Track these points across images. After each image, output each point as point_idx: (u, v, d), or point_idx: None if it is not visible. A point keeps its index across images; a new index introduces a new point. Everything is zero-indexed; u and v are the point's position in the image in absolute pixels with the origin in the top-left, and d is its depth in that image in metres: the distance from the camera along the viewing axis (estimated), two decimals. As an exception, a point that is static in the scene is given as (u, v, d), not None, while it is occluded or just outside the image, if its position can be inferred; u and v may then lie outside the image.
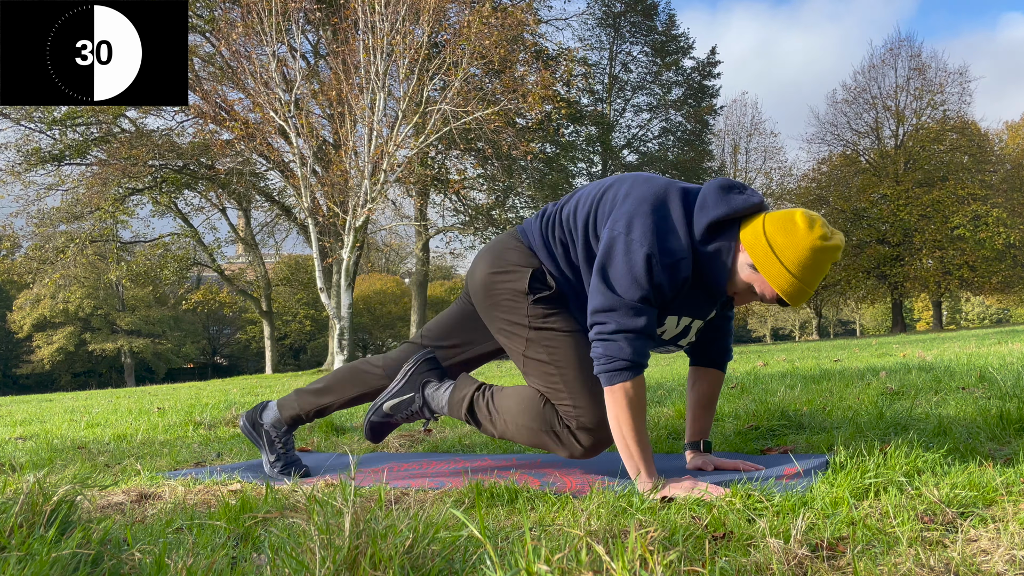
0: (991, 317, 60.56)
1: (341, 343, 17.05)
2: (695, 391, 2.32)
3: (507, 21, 16.53)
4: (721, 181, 1.97)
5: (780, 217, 1.88)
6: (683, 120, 32.25)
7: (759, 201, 1.94)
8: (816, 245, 1.83)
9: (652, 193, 1.96)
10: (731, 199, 1.92)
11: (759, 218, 1.91)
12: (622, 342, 1.87)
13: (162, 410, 6.25)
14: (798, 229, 1.84)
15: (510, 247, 2.22)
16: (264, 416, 2.58)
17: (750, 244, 1.88)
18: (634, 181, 2.03)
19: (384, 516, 1.35)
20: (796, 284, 1.85)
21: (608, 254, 1.91)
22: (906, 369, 5.14)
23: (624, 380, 1.87)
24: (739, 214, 1.92)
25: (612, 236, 1.92)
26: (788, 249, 1.84)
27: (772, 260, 1.85)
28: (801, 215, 1.86)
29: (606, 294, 1.89)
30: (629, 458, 1.89)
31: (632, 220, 1.91)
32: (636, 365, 1.87)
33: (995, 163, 33.36)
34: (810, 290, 1.88)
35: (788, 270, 1.84)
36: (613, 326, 1.88)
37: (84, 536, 1.40)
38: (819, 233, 1.84)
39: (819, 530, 1.43)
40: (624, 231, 1.90)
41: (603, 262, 1.92)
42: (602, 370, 1.89)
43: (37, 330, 40.57)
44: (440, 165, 23.00)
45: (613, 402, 1.89)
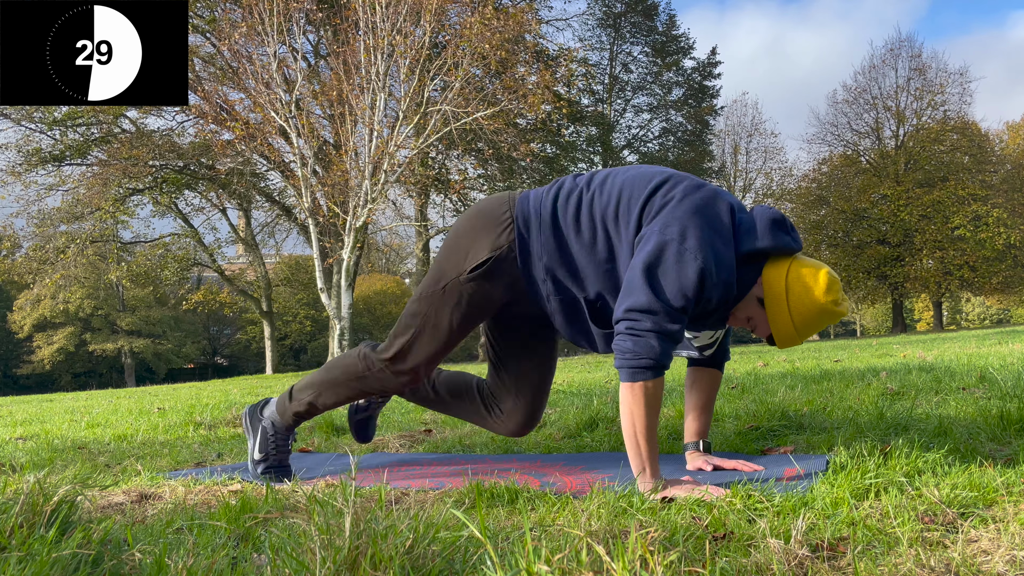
0: (991, 317, 60.51)
1: (341, 343, 17.05)
2: (694, 391, 2.32)
3: (508, 22, 16.53)
4: (774, 214, 1.99)
5: (807, 270, 1.95)
6: (683, 120, 32.25)
7: (799, 247, 2.01)
8: (826, 308, 1.93)
9: (705, 202, 1.95)
10: (780, 237, 1.97)
11: (787, 262, 1.97)
12: (653, 341, 1.86)
13: (162, 410, 6.25)
14: (817, 287, 1.92)
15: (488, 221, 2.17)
16: (264, 411, 2.57)
17: (769, 283, 1.96)
18: (687, 185, 1.99)
19: (384, 516, 1.35)
20: (792, 334, 1.97)
21: (658, 257, 1.88)
22: (906, 369, 5.14)
23: (647, 378, 1.86)
24: (777, 252, 1.97)
25: (663, 240, 1.88)
26: (800, 302, 1.93)
27: (782, 306, 1.95)
28: (826, 274, 1.94)
29: (649, 296, 1.87)
30: (637, 455, 1.89)
31: (686, 228, 1.89)
32: (660, 366, 1.88)
33: (995, 163, 33.33)
34: (800, 341, 1.99)
35: (792, 319, 1.95)
36: (648, 325, 1.87)
37: (84, 536, 1.40)
38: (833, 298, 1.93)
39: (819, 530, 1.43)
40: (677, 238, 1.88)
41: (651, 262, 1.88)
42: (626, 365, 1.88)
43: (37, 330, 40.56)
44: (441, 165, 23.02)
45: (632, 398, 1.88)
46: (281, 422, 2.50)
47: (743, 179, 36.36)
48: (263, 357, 34.03)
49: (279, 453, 2.49)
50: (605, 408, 3.73)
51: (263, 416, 2.54)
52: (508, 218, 2.13)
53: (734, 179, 36.19)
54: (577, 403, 4.35)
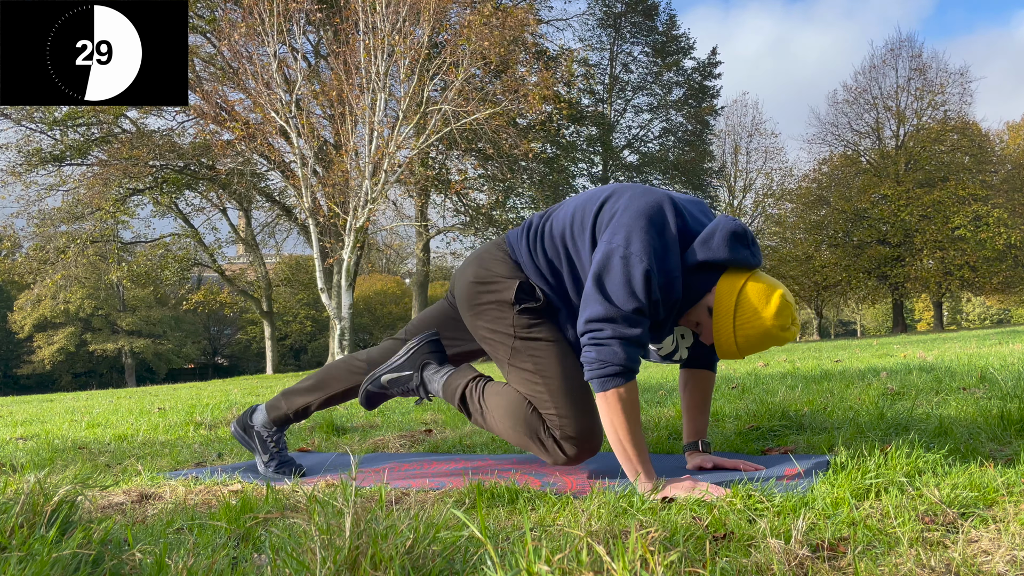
0: (992, 318, 60.51)
1: (342, 343, 17.05)
2: (687, 392, 2.33)
3: (508, 21, 16.53)
4: (736, 226, 1.97)
5: (761, 289, 1.94)
6: (684, 120, 32.26)
7: (758, 264, 2.00)
8: (771, 331, 1.93)
9: (651, 206, 1.97)
10: (737, 250, 1.96)
11: (744, 277, 1.96)
12: (616, 347, 1.88)
13: (163, 410, 6.25)
14: (767, 308, 1.92)
15: (496, 258, 2.25)
16: (254, 419, 2.62)
17: (721, 295, 1.96)
18: (633, 192, 2.03)
19: (385, 516, 1.35)
20: (733, 348, 1.98)
21: (605, 265, 1.91)
22: (907, 370, 5.14)
23: (617, 385, 1.87)
24: (733, 265, 1.97)
25: (610, 248, 1.92)
26: (748, 320, 1.93)
27: (729, 321, 1.95)
28: (778, 297, 1.93)
29: (603, 304, 1.89)
30: (627, 461, 1.90)
31: (631, 234, 1.91)
32: (628, 370, 1.89)
33: (996, 163, 33.34)
34: (740, 356, 2.00)
35: (736, 336, 1.96)
36: (609, 332, 1.88)
37: (85, 536, 1.40)
38: (780, 322, 1.93)
39: (820, 530, 1.43)
40: (623, 244, 1.91)
41: (599, 272, 1.92)
42: (595, 375, 1.89)
43: (38, 330, 40.58)
44: (441, 165, 23.01)
45: (607, 407, 1.89)
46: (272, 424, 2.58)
47: (743, 179, 36.38)
48: (263, 357, 34.05)
49: (280, 450, 2.57)
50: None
51: (254, 424, 2.60)
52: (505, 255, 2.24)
53: (734, 179, 36.20)
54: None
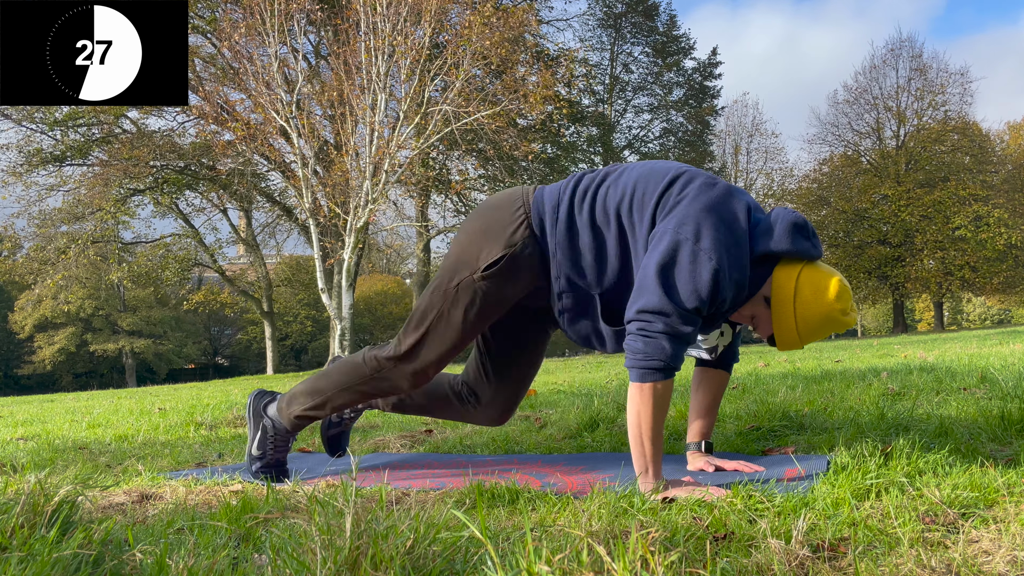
0: (992, 318, 60.48)
1: (342, 344, 17.05)
2: (700, 392, 2.31)
3: (508, 21, 16.53)
4: (796, 218, 1.96)
5: (818, 275, 1.93)
6: (684, 121, 32.27)
7: (818, 255, 1.97)
8: (833, 315, 1.91)
9: (720, 200, 1.92)
10: (799, 241, 1.94)
11: (799, 265, 1.94)
12: (665, 342, 1.85)
13: (163, 411, 6.25)
14: (827, 293, 1.90)
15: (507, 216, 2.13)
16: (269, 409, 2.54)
17: (779, 283, 1.94)
18: (701, 182, 1.96)
19: (385, 517, 1.35)
20: (795, 337, 1.95)
21: (672, 257, 1.85)
22: (907, 370, 5.14)
23: (657, 379, 1.85)
24: (793, 256, 1.95)
25: (677, 239, 1.85)
26: (808, 306, 1.91)
27: (789, 308, 1.92)
28: (837, 282, 1.92)
29: (662, 297, 1.84)
30: (641, 455, 1.88)
31: (700, 227, 1.86)
32: (671, 368, 1.86)
33: (996, 163, 33.33)
34: (801, 345, 1.97)
35: (796, 323, 1.93)
36: (661, 326, 1.85)
37: (85, 536, 1.40)
38: (841, 306, 1.91)
39: (820, 531, 1.43)
40: (692, 238, 1.85)
41: (664, 263, 1.85)
42: (637, 365, 1.86)
43: (38, 331, 40.58)
44: (441, 166, 23.01)
45: (640, 398, 1.86)
46: (283, 424, 2.49)
47: (744, 179, 36.35)
48: (264, 357, 34.04)
49: (277, 453, 2.48)
50: (606, 408, 3.73)
51: (266, 414, 2.51)
52: (522, 215, 2.09)
53: (735, 179, 36.18)
54: (578, 403, 4.35)
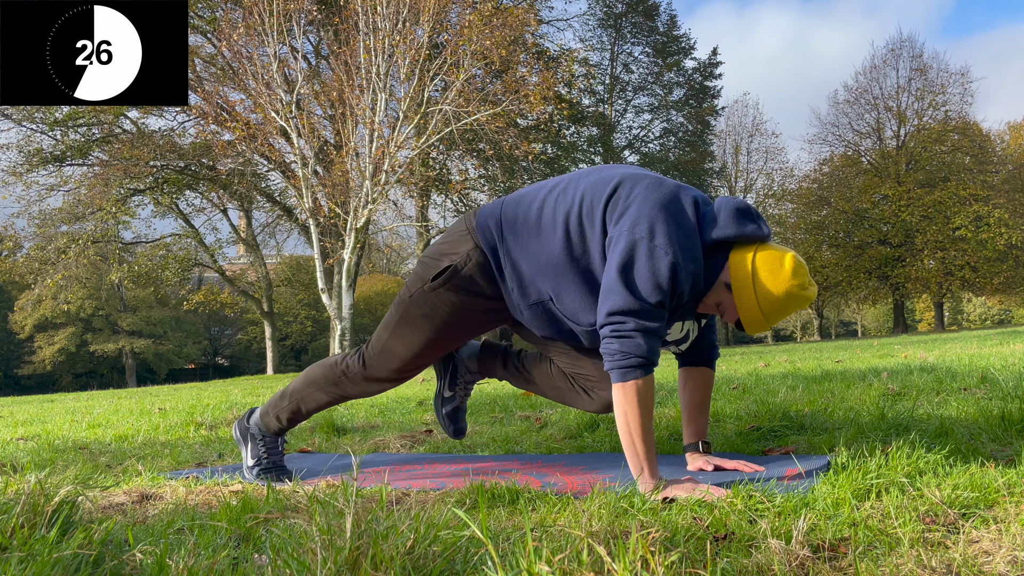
0: (993, 318, 60.49)
1: (342, 344, 17.05)
2: (687, 392, 2.32)
3: (508, 21, 16.52)
4: (738, 203, 2.01)
5: (772, 254, 1.97)
6: (684, 121, 32.30)
7: (767, 234, 2.01)
8: (792, 291, 1.95)
9: (668, 197, 1.96)
10: (744, 224, 1.98)
11: (752, 247, 1.99)
12: (639, 339, 1.88)
13: (163, 411, 6.25)
14: (783, 270, 1.95)
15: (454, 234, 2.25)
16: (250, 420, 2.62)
17: (736, 267, 1.98)
18: (648, 182, 2.00)
19: (385, 517, 1.35)
20: (759, 317, 1.99)
21: (630, 257, 1.90)
22: (908, 370, 5.14)
23: (637, 377, 1.87)
24: (742, 240, 1.99)
25: (633, 239, 1.90)
26: (767, 285, 1.95)
27: (749, 290, 1.97)
28: (791, 259, 1.96)
29: (626, 296, 1.89)
30: (634, 456, 1.89)
31: (653, 224, 1.90)
32: (649, 363, 1.89)
33: (997, 164, 33.34)
34: (768, 325, 2.02)
35: (759, 303, 1.97)
36: (632, 325, 1.88)
37: (85, 537, 1.40)
38: (798, 281, 1.95)
39: (820, 531, 1.43)
40: (647, 235, 1.89)
41: (624, 263, 1.90)
42: (616, 366, 1.89)
43: (39, 331, 40.57)
44: (441, 166, 23.01)
45: (624, 398, 1.89)
46: (267, 428, 2.55)
47: (744, 179, 36.39)
48: (264, 357, 34.05)
49: (271, 456, 2.52)
50: (606, 408, 3.72)
51: (250, 424, 2.58)
52: (465, 231, 2.20)
53: (735, 179, 36.21)
54: (578, 403, 4.34)
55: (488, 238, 2.15)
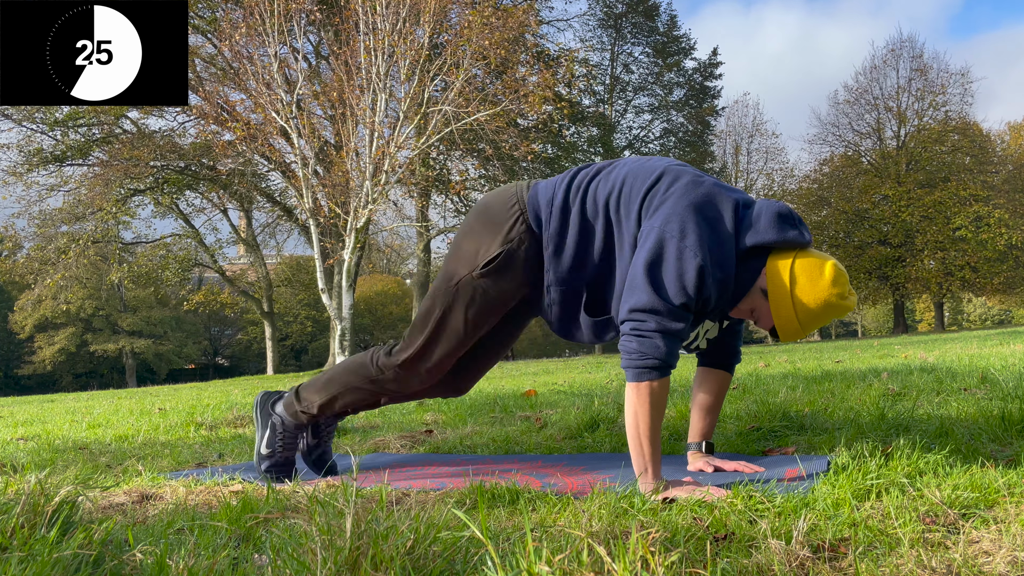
0: (993, 318, 60.49)
1: (343, 344, 17.05)
2: (701, 392, 2.31)
3: (508, 21, 16.52)
4: (780, 207, 1.97)
5: (812, 262, 1.91)
6: (684, 121, 32.28)
7: (808, 241, 1.97)
8: (831, 300, 1.89)
9: (705, 198, 1.93)
10: (785, 230, 1.94)
11: (792, 253, 1.94)
12: (659, 340, 1.86)
13: (163, 411, 6.25)
14: (823, 279, 1.89)
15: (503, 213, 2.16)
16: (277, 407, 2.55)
17: (773, 274, 1.92)
18: (687, 180, 1.97)
19: (385, 517, 1.35)
20: (796, 326, 1.93)
21: (658, 255, 1.87)
22: (908, 370, 5.13)
23: (652, 378, 1.86)
24: (783, 245, 1.94)
25: (663, 237, 1.87)
26: (806, 293, 1.89)
27: (786, 297, 1.91)
28: (832, 266, 1.90)
29: (651, 295, 1.86)
30: (640, 455, 1.88)
31: (685, 225, 1.87)
32: (667, 365, 1.87)
33: (997, 164, 33.35)
34: (804, 334, 1.95)
35: (796, 311, 1.91)
36: (653, 325, 1.86)
37: (85, 537, 1.40)
38: (839, 290, 1.89)
39: (821, 531, 1.43)
40: (677, 235, 1.86)
41: (651, 261, 1.87)
42: (633, 365, 1.87)
43: (39, 331, 40.57)
44: (442, 166, 23.01)
45: (637, 398, 1.87)
46: (292, 421, 2.50)
47: (744, 180, 36.36)
48: (264, 358, 34.05)
49: (286, 451, 2.48)
50: (606, 409, 3.73)
51: (274, 411, 2.51)
52: (518, 211, 2.13)
53: (735, 179, 36.19)
54: (578, 404, 4.35)
55: (540, 220, 2.10)
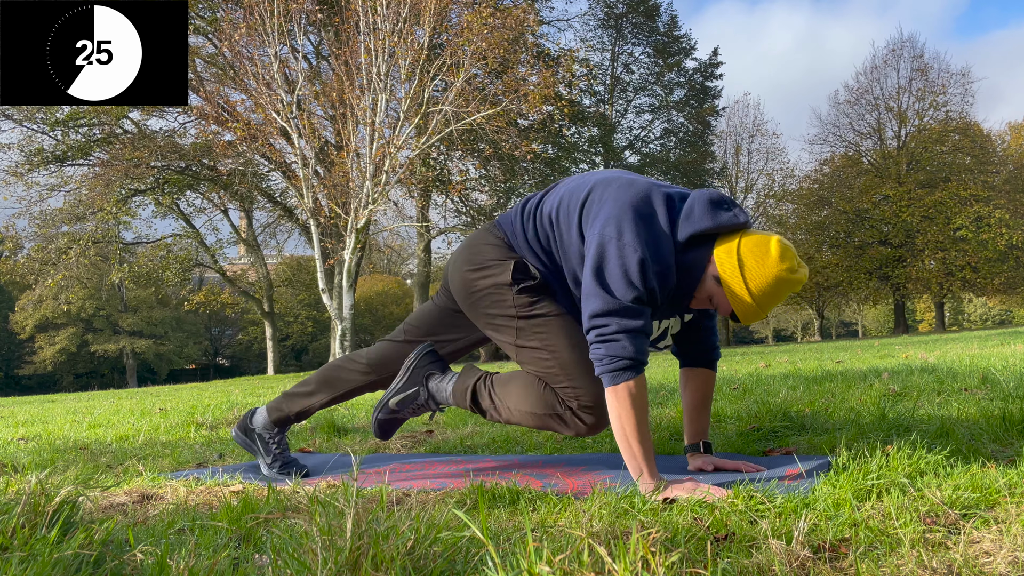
0: (993, 318, 60.49)
1: (343, 344, 17.05)
2: (688, 392, 2.32)
3: (507, 21, 16.53)
4: (711, 194, 2.00)
5: (756, 241, 1.94)
6: (685, 121, 32.27)
7: (744, 221, 1.99)
8: (781, 276, 1.92)
9: (638, 197, 1.97)
10: (719, 215, 1.96)
11: (736, 236, 1.96)
12: (624, 341, 1.88)
13: (164, 411, 6.25)
14: (770, 256, 1.92)
15: (487, 243, 2.26)
16: (254, 421, 2.63)
17: (721, 259, 1.95)
18: (619, 184, 2.03)
19: (386, 517, 1.35)
20: (753, 306, 1.95)
21: (601, 258, 1.92)
22: (908, 370, 5.13)
23: (627, 379, 1.87)
24: (722, 230, 1.97)
25: (603, 240, 1.92)
26: (755, 272, 1.92)
27: (738, 279, 1.93)
28: (776, 243, 1.93)
29: (603, 297, 1.90)
30: (632, 458, 1.89)
31: (621, 225, 1.92)
32: (638, 363, 1.88)
33: (998, 164, 33.36)
34: (763, 313, 1.98)
35: (750, 291, 1.93)
36: (614, 327, 1.88)
37: (86, 537, 1.40)
38: (787, 264, 1.92)
39: (821, 531, 1.43)
40: (615, 235, 1.90)
41: (596, 265, 1.92)
42: (605, 370, 1.89)
43: (39, 331, 40.59)
44: (442, 166, 23.01)
45: (616, 401, 1.89)
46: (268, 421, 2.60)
47: (745, 180, 36.36)
48: (265, 358, 34.08)
49: (281, 451, 2.57)
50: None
51: (254, 425, 2.61)
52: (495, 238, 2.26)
53: (736, 180, 36.19)
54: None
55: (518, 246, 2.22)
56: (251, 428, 2.61)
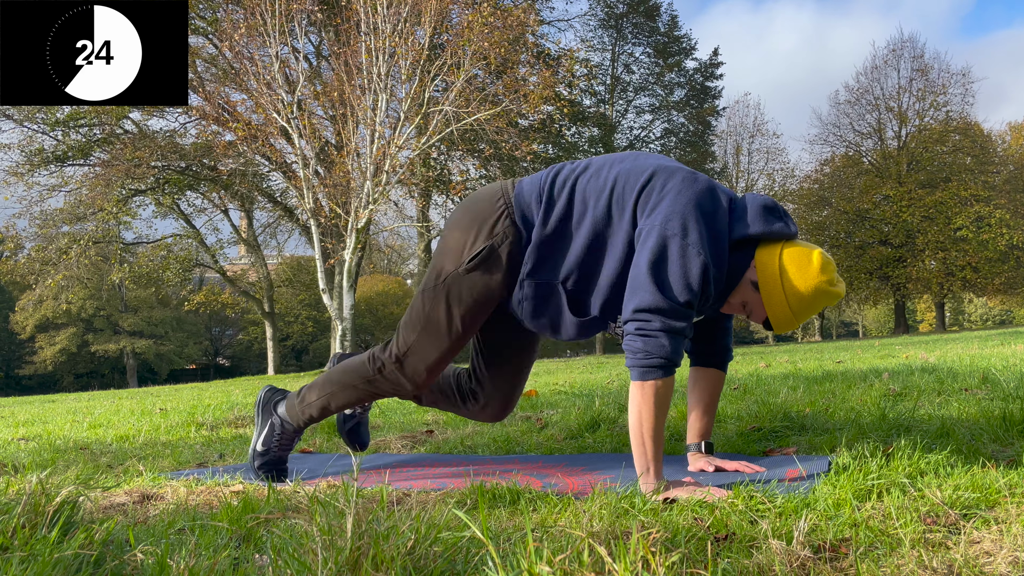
0: (994, 318, 60.48)
1: (343, 344, 17.05)
2: (696, 391, 2.31)
3: (508, 21, 16.53)
4: (766, 200, 1.99)
5: (799, 251, 1.95)
6: (685, 121, 32.28)
7: (794, 232, 1.99)
8: (821, 287, 1.92)
9: (703, 196, 1.93)
10: (771, 222, 1.96)
11: (779, 245, 1.97)
12: (664, 340, 1.86)
13: (164, 411, 6.25)
14: (812, 266, 1.92)
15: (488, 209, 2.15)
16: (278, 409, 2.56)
17: (762, 266, 1.95)
18: (683, 176, 1.96)
19: (386, 517, 1.35)
20: (789, 315, 1.96)
21: (661, 254, 1.87)
22: (909, 370, 5.13)
23: (657, 377, 1.86)
24: (771, 237, 1.97)
25: (665, 235, 1.87)
26: (795, 282, 1.92)
27: (777, 287, 1.94)
28: (819, 255, 1.94)
29: (655, 294, 1.86)
30: (642, 455, 1.88)
31: (687, 223, 1.87)
32: (671, 364, 1.87)
33: (998, 164, 33.35)
34: (797, 323, 1.98)
35: (788, 301, 1.94)
36: (658, 324, 1.86)
37: (86, 537, 1.40)
38: (827, 277, 1.93)
39: (821, 532, 1.43)
40: (679, 233, 1.86)
41: (655, 259, 1.87)
42: (638, 364, 1.87)
43: (40, 331, 40.61)
44: (442, 166, 23.02)
45: (641, 397, 1.87)
46: (291, 423, 2.50)
47: (745, 180, 36.36)
48: (265, 358, 34.06)
49: (281, 451, 2.50)
50: (607, 409, 3.72)
51: (276, 412, 2.53)
52: (503, 206, 2.11)
53: (736, 180, 36.19)
54: (579, 404, 4.35)
55: (525, 215, 2.09)
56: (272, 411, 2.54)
